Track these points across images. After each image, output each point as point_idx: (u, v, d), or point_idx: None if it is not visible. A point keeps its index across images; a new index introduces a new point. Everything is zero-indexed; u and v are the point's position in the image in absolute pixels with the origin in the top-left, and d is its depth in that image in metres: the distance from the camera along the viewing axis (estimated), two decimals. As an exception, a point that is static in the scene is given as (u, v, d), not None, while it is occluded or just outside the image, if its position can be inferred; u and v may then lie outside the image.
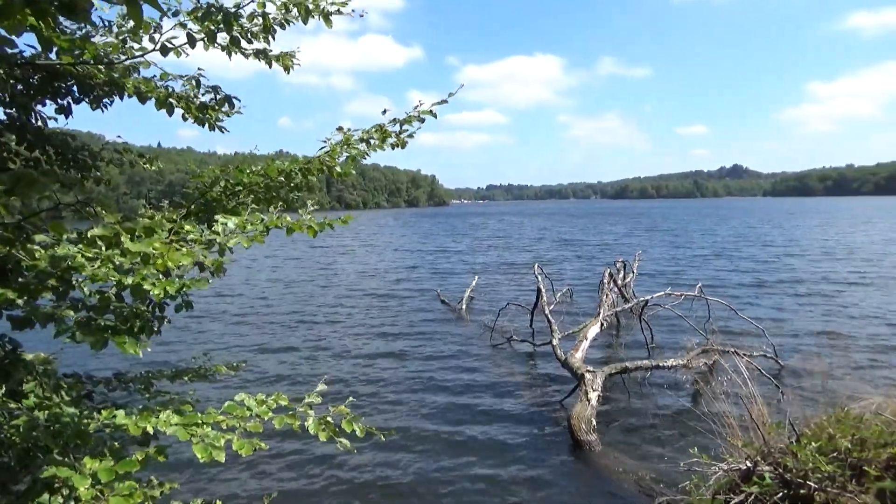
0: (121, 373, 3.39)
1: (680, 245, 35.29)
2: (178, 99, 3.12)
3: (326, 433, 2.47)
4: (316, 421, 2.50)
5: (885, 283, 18.47)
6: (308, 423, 2.47)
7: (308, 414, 2.51)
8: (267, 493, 3.28)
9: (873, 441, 3.52)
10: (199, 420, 2.23)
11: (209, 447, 2.07)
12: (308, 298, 18.42)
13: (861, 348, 10.82)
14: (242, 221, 2.36)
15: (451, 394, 9.21)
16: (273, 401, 2.52)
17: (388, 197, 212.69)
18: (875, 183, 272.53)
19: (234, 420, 2.30)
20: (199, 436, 2.14)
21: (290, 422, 2.43)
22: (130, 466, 1.97)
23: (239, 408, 2.40)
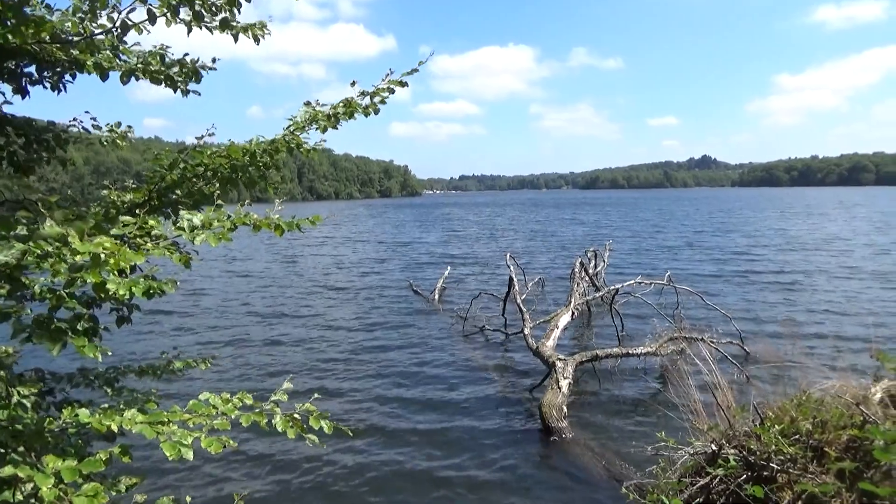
0: (86, 368, 3.30)
1: (650, 235, 35.75)
2: (143, 71, 3.00)
3: (294, 430, 2.44)
4: (283, 418, 2.46)
5: (849, 273, 18.92)
6: (275, 420, 2.44)
7: (275, 411, 2.48)
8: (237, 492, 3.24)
9: (833, 423, 3.63)
10: (165, 418, 2.18)
11: (177, 445, 2.03)
12: (278, 291, 18.25)
13: (823, 335, 11.10)
14: (208, 218, 2.30)
15: (423, 383, 9.23)
16: (238, 399, 2.47)
17: (360, 187, 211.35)
18: (839, 174, 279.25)
19: (200, 418, 2.26)
20: (167, 434, 2.09)
21: (257, 419, 2.39)
22: (95, 466, 1.91)
23: (204, 406, 2.35)
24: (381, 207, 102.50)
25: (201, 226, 2.26)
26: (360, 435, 7.33)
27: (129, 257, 1.78)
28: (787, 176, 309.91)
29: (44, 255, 1.75)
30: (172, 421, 2.18)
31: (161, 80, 3.04)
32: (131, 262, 1.80)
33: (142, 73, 2.99)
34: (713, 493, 3.58)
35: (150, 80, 3.02)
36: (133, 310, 2.83)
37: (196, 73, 3.15)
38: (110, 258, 1.73)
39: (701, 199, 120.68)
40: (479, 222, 55.06)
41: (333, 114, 2.89)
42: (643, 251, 26.70)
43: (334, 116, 2.89)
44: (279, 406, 2.52)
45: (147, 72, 3.00)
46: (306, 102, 2.93)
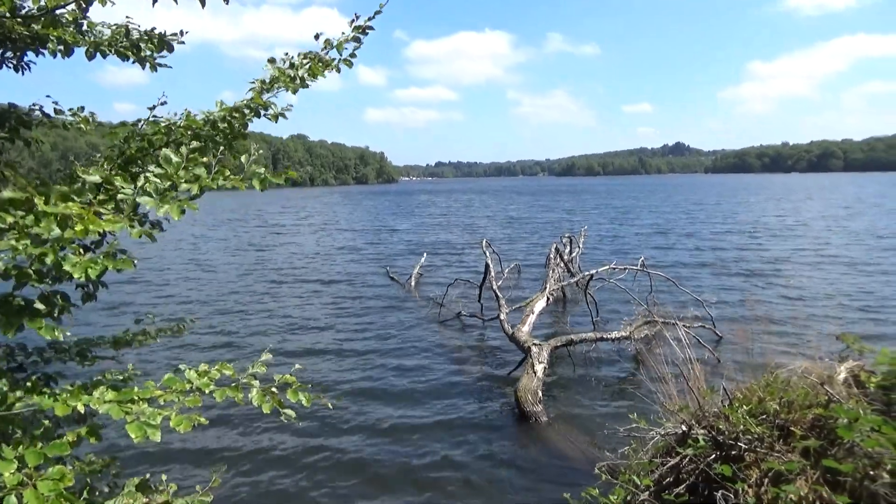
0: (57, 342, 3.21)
1: (624, 221, 36.11)
2: (108, 46, 2.88)
3: (270, 404, 2.33)
4: (260, 392, 2.35)
5: (819, 258, 19.33)
6: (252, 394, 2.34)
7: (252, 385, 2.37)
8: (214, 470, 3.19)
9: (799, 403, 3.72)
10: (136, 396, 2.08)
11: (143, 426, 1.92)
12: (252, 280, 18.11)
13: (791, 318, 11.34)
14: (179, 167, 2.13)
15: (400, 369, 9.26)
16: (217, 371, 2.37)
17: (335, 174, 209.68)
18: (808, 160, 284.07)
19: (172, 394, 2.16)
20: (135, 413, 1.98)
21: (231, 394, 2.27)
22: (61, 450, 1.84)
23: (179, 381, 2.24)
24: (356, 195, 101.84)
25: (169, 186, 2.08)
26: (336, 420, 7.36)
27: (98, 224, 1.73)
28: (759, 162, 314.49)
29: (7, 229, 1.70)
30: (143, 399, 2.08)
31: (128, 55, 2.92)
32: (101, 228, 1.74)
33: (108, 47, 2.87)
34: (683, 473, 3.66)
35: (117, 56, 2.89)
36: (99, 287, 2.76)
37: (165, 43, 3.02)
38: (79, 222, 1.68)
39: (674, 185, 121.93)
40: (456, 210, 55.03)
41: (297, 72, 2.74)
42: (617, 238, 26.96)
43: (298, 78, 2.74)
44: (257, 379, 2.42)
45: (113, 46, 2.89)
46: (270, 59, 2.81)
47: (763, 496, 3.25)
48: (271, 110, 2.78)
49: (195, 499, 2.74)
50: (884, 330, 10.49)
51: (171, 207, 1.98)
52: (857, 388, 4.20)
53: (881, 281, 15.03)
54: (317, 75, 2.80)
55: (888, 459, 3.42)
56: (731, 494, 3.29)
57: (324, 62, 2.78)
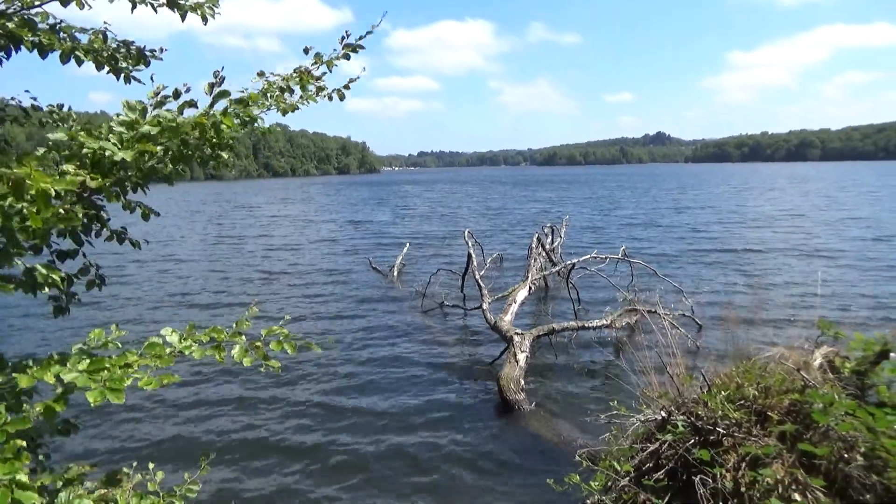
0: None
1: (606, 211, 36.34)
2: (85, 52, 2.78)
3: (252, 358, 2.22)
4: (243, 347, 2.24)
5: (797, 247, 19.60)
6: (234, 350, 2.22)
7: (237, 341, 2.26)
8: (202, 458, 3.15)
9: (776, 388, 3.79)
10: (110, 364, 1.93)
11: (103, 390, 1.79)
12: (233, 271, 17.99)
13: (769, 305, 11.50)
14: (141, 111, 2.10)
15: (383, 358, 9.26)
16: (206, 335, 2.25)
17: (317, 164, 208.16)
18: (787, 150, 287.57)
19: (147, 360, 2.03)
20: (101, 380, 1.85)
21: (211, 353, 2.16)
22: (22, 424, 1.72)
23: (160, 346, 2.10)
24: (338, 185, 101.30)
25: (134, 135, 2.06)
26: (317, 408, 7.37)
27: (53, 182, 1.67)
28: (738, 152, 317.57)
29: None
30: (118, 365, 1.94)
31: (104, 62, 2.84)
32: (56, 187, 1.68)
33: (84, 53, 2.78)
34: (662, 458, 3.72)
35: (92, 62, 2.84)
36: (72, 299, 2.70)
37: (143, 57, 2.95)
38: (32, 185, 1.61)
39: (655, 175, 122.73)
40: (438, 200, 54.97)
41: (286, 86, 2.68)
42: (599, 228, 27.13)
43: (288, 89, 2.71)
44: (242, 335, 2.31)
45: (90, 52, 2.80)
46: (259, 73, 2.78)
47: (740, 480, 3.31)
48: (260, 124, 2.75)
49: (183, 488, 2.73)
50: (859, 315, 10.67)
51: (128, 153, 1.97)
52: (833, 373, 4.28)
53: (856, 268, 15.30)
54: (307, 96, 2.78)
55: (862, 442, 3.50)
56: (709, 479, 3.35)
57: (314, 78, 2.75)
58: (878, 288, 13.02)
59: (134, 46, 2.97)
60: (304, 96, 2.72)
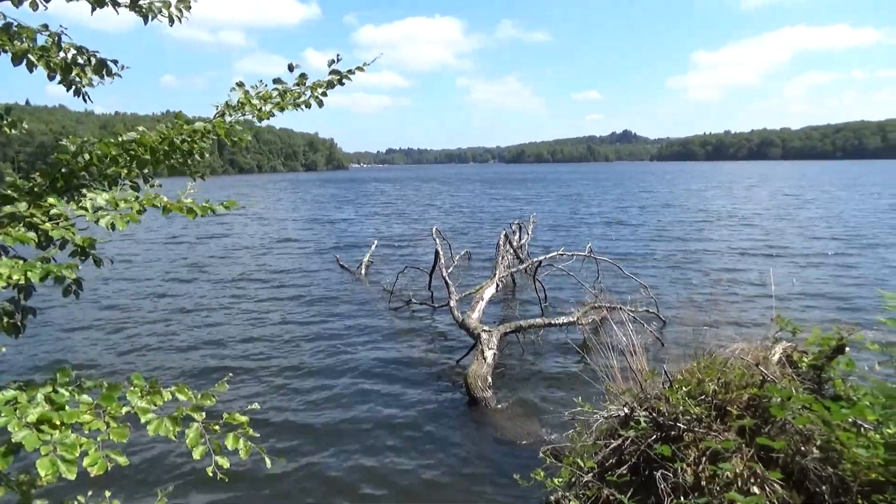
0: None
1: (573, 209, 36.68)
2: (38, 55, 2.64)
3: (204, 448, 2.05)
4: (198, 430, 2.06)
5: (755, 245, 20.04)
6: (188, 431, 2.04)
7: (195, 418, 2.08)
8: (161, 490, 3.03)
9: (735, 383, 3.86)
10: (58, 418, 1.76)
11: (56, 460, 1.63)
12: (198, 271, 17.68)
13: (730, 302, 11.74)
14: (114, 198, 2.06)
15: (350, 356, 9.20)
16: (170, 393, 2.11)
17: (284, 160, 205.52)
18: (749, 148, 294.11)
19: (100, 422, 1.85)
20: (53, 442, 1.68)
21: (166, 431, 1.99)
22: None
23: (116, 403, 1.93)
24: (305, 182, 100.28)
25: (106, 206, 2.02)
26: (284, 404, 7.30)
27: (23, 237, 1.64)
28: (703, 150, 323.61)
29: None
30: (68, 423, 1.78)
31: (56, 69, 2.68)
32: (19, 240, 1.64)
33: (37, 57, 2.63)
34: (625, 454, 3.76)
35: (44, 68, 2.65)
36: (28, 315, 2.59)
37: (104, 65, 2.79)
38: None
39: (622, 173, 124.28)
40: (406, 198, 54.84)
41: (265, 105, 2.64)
42: (565, 227, 27.37)
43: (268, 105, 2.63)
44: (203, 411, 2.12)
45: (43, 57, 2.65)
46: (238, 83, 2.70)
47: (701, 474, 3.36)
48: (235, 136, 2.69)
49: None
50: (817, 312, 10.95)
51: (113, 218, 1.92)
52: (791, 367, 4.38)
53: (815, 266, 15.71)
54: (284, 109, 2.73)
55: (818, 435, 3.58)
56: (670, 474, 3.39)
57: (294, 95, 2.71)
58: (835, 286, 13.38)
59: (96, 57, 2.81)
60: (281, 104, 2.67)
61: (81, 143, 2.53)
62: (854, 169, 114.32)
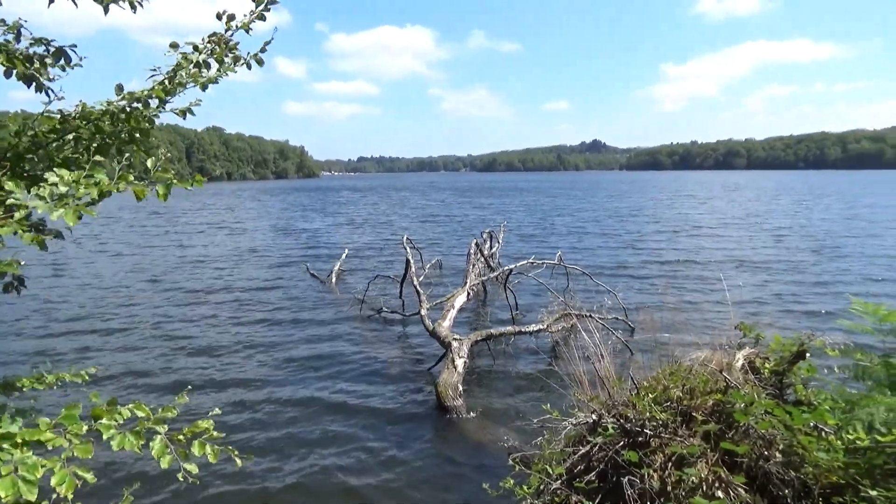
0: None
1: (544, 218, 36.98)
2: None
3: (171, 458, 2.02)
4: (163, 442, 2.03)
5: (722, 256, 20.41)
6: (153, 443, 2.01)
7: (158, 431, 2.05)
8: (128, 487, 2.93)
9: (700, 390, 3.92)
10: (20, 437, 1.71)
11: (17, 481, 1.57)
12: (169, 278, 17.38)
13: (696, 310, 11.94)
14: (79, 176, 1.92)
15: (320, 365, 9.14)
16: (129, 410, 2.05)
17: (254, 168, 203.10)
18: (715, 158, 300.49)
19: (63, 439, 1.81)
20: (14, 462, 1.62)
21: (130, 445, 1.95)
22: None
23: (77, 422, 1.88)
24: (275, 191, 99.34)
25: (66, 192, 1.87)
26: (253, 414, 7.21)
27: None
28: (670, 160, 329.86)
29: None
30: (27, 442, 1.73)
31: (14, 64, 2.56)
32: None
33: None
34: (593, 460, 3.79)
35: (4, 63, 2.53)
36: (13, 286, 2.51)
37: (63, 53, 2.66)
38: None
39: (592, 182, 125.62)
40: (378, 206, 54.71)
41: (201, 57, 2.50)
42: (535, 236, 27.56)
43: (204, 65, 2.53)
44: (165, 423, 2.09)
45: (2, 51, 2.54)
46: (172, 44, 2.58)
47: (667, 479, 3.41)
48: (177, 103, 2.58)
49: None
50: (781, 320, 11.18)
51: (66, 212, 1.80)
52: (753, 374, 4.47)
53: (780, 272, 16.06)
54: (225, 68, 2.63)
55: (780, 440, 3.66)
56: (637, 479, 3.43)
57: (231, 46, 2.62)
58: (799, 292, 13.70)
59: (55, 46, 2.69)
60: (223, 69, 2.58)
61: (23, 121, 2.45)
62: (815, 179, 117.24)
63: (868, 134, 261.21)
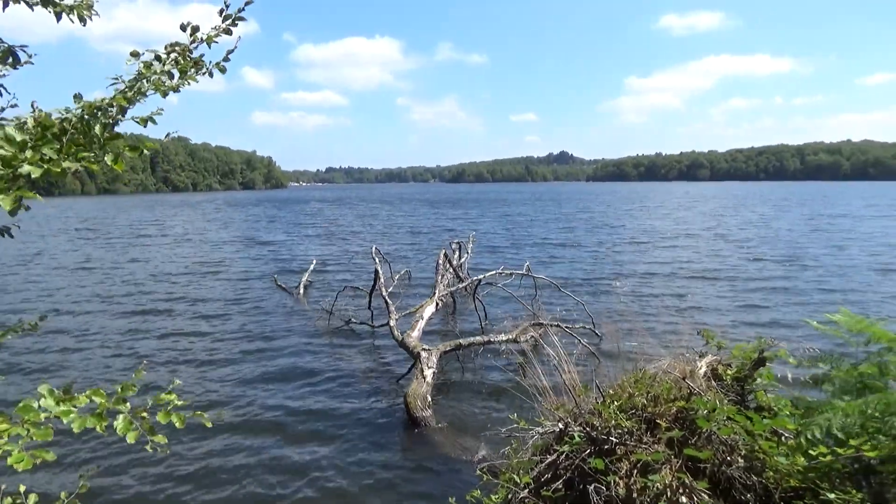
0: None
1: (513, 229, 37.22)
2: None
3: (137, 432, 1.96)
4: (127, 418, 1.97)
5: (686, 266, 20.77)
6: (117, 421, 1.95)
7: (120, 409, 1.98)
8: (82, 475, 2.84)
9: (664, 397, 3.98)
10: None
11: None
12: (132, 289, 17.03)
13: (661, 319, 12.12)
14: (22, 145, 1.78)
15: (288, 377, 9.04)
16: (86, 397, 1.97)
17: (221, 179, 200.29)
18: (679, 170, 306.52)
19: (19, 427, 1.80)
20: None
21: (93, 423, 1.89)
22: None
23: (35, 411, 1.84)
24: (243, 202, 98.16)
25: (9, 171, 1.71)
26: (218, 430, 7.09)
27: None
28: (636, 171, 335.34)
29: None
30: None
31: None
32: None
33: None
34: (560, 469, 3.81)
35: None
36: None
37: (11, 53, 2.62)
38: None
39: (560, 193, 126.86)
40: (346, 217, 54.46)
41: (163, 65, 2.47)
42: (504, 247, 27.72)
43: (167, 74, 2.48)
44: (126, 401, 2.03)
45: None
46: (133, 53, 2.50)
47: (632, 486, 3.44)
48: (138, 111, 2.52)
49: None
50: (744, 329, 11.42)
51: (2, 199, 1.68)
52: (716, 380, 4.55)
53: (743, 282, 16.41)
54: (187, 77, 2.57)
55: (742, 445, 3.73)
56: (602, 487, 3.46)
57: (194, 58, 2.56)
58: (762, 301, 14.00)
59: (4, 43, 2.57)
60: (185, 77, 2.52)
61: None
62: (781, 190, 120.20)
63: (825, 147, 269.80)
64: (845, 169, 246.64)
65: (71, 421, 1.89)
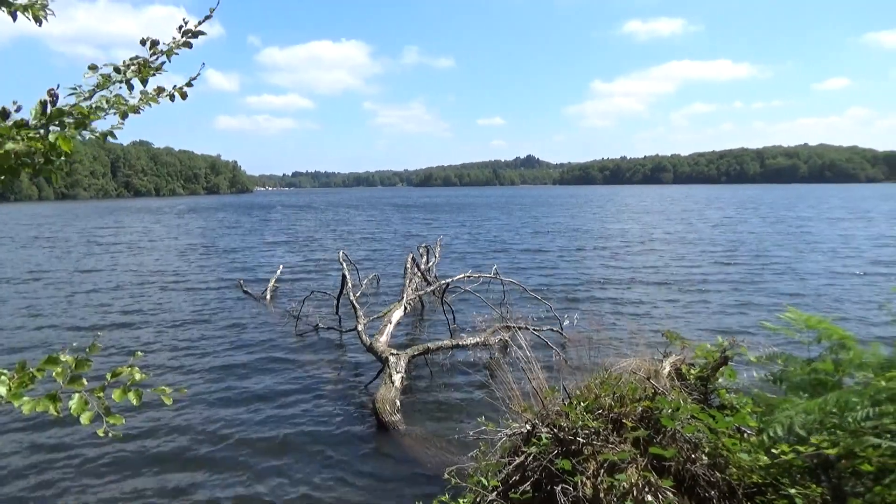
0: None
1: (478, 233, 37.36)
2: None
3: (92, 413, 1.84)
4: (81, 398, 1.85)
5: (652, 270, 21.10)
6: (71, 401, 1.84)
7: (75, 389, 1.87)
8: None
9: (630, 397, 4.03)
10: None
11: None
12: (97, 295, 16.63)
13: (627, 320, 12.29)
14: None
15: (255, 383, 8.92)
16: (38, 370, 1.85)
17: (184, 183, 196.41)
18: (643, 173, 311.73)
19: None
20: None
21: (45, 406, 1.77)
22: None
23: None
24: (206, 207, 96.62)
25: None
26: (184, 436, 6.96)
27: None
28: (601, 175, 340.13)
29: None
30: None
31: None
32: None
33: None
34: (528, 470, 3.83)
35: None
36: None
37: None
38: None
39: (528, 197, 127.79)
40: (313, 222, 54.02)
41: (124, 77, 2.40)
42: (471, 253, 27.78)
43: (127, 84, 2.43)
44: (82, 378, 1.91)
45: None
46: (91, 66, 2.44)
47: (599, 486, 3.47)
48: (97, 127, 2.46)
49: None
50: (706, 331, 11.63)
51: None
52: (679, 380, 4.63)
53: (707, 284, 16.73)
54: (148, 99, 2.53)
55: (706, 443, 3.80)
56: (570, 487, 3.48)
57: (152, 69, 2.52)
58: (724, 303, 14.28)
59: None
60: (145, 98, 2.47)
61: None
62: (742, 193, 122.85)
63: (783, 150, 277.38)
64: (803, 172, 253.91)
65: (21, 404, 1.78)
